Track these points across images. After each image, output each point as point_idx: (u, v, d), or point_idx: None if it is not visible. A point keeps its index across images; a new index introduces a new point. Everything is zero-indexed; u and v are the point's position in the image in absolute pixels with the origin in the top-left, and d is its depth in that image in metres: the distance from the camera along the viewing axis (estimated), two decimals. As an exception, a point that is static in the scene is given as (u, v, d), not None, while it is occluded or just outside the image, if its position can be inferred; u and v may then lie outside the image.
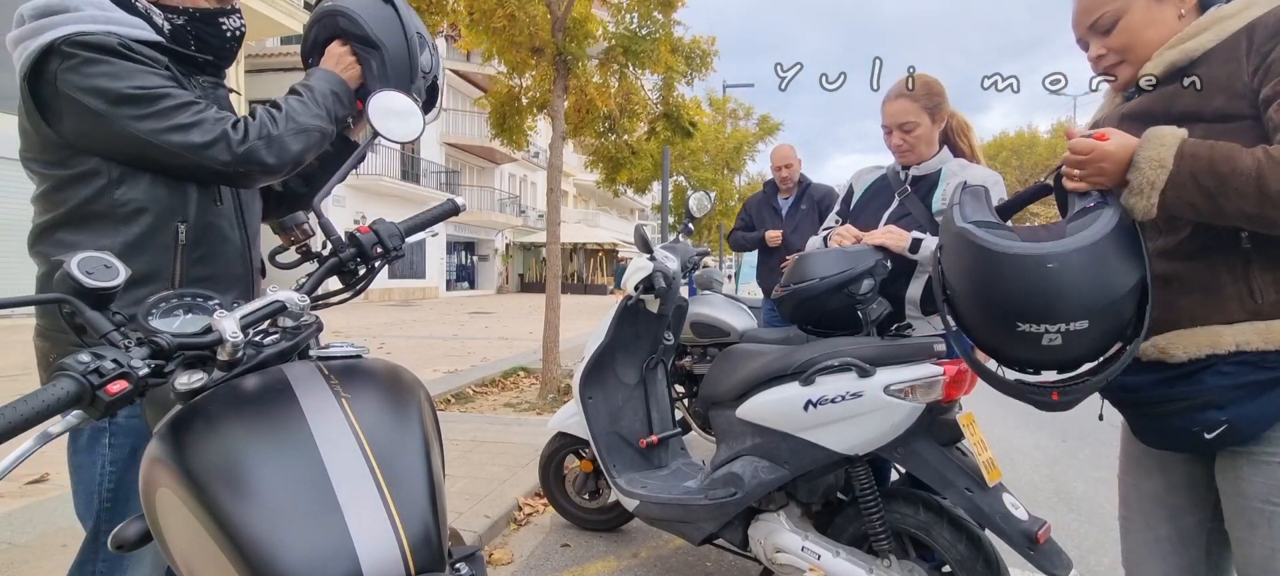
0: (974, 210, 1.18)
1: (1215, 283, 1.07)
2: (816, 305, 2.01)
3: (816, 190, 4.30)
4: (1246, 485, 1.07)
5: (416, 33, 1.41)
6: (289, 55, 17.88)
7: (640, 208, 41.78)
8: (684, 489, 2.23)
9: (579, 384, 2.52)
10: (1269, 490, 1.05)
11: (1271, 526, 1.04)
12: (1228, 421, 1.05)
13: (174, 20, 1.25)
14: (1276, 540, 1.04)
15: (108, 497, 1.23)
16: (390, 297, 20.73)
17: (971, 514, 1.71)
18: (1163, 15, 1.14)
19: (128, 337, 0.80)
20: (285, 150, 1.24)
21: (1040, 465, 4.05)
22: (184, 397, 0.85)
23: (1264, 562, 1.06)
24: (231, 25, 1.34)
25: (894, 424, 1.76)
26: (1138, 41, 1.15)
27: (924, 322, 2.13)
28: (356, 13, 1.35)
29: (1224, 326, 1.05)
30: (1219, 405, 1.05)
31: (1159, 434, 1.19)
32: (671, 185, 11.23)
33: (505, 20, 5.12)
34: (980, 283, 1.12)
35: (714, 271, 4.09)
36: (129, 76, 1.14)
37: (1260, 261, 1.04)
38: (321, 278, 1.12)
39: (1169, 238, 1.14)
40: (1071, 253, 1.04)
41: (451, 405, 5.34)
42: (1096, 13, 1.18)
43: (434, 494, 0.81)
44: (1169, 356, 1.11)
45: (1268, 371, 1.02)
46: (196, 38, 1.28)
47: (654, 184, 9.98)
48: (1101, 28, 1.18)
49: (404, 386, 0.95)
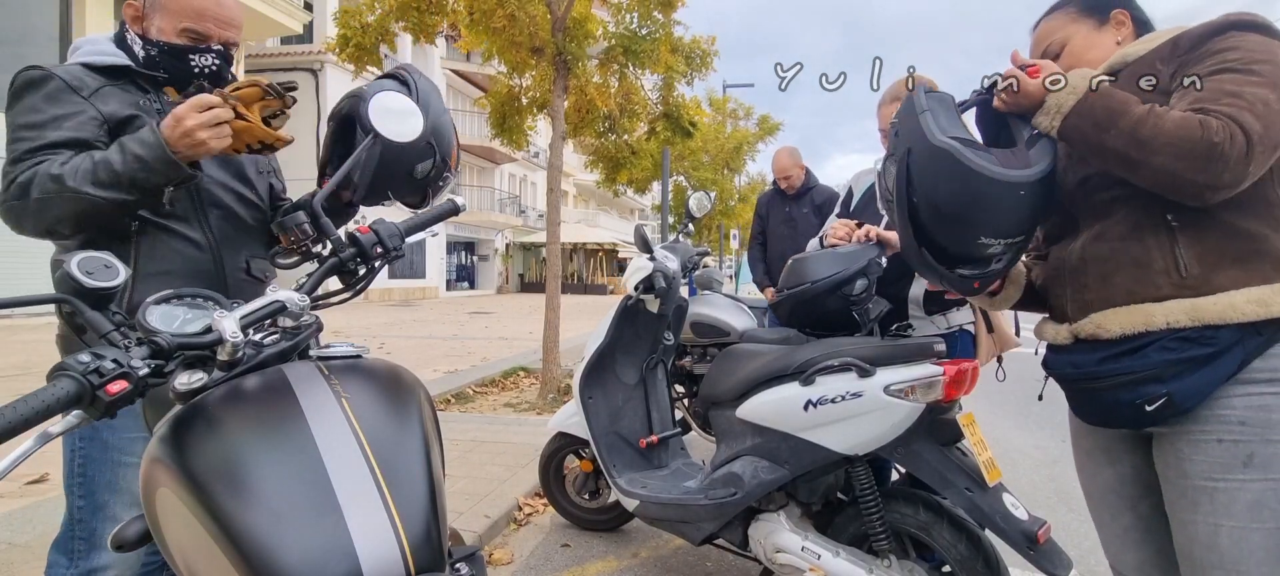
0: (948, 123, 1.26)
1: (1146, 259, 1.15)
2: (813, 308, 2.02)
3: (819, 194, 4.18)
4: (1187, 464, 1.13)
5: (427, 142, 1.33)
6: (289, 55, 17.87)
7: (640, 208, 41.79)
8: (684, 489, 2.23)
9: (579, 384, 2.52)
10: (1209, 467, 1.10)
11: (1213, 502, 1.09)
12: (1167, 394, 1.11)
13: (149, 50, 1.38)
14: (1219, 515, 1.09)
15: (79, 472, 1.35)
16: (390, 297, 20.73)
17: (971, 514, 1.71)
18: (1102, 40, 1.33)
19: (128, 337, 0.80)
20: (26, 219, 1.24)
21: (1040, 465, 4.05)
22: (184, 397, 0.85)
23: (1208, 539, 1.10)
24: (200, 62, 1.40)
25: (894, 424, 1.76)
26: (1081, 62, 1.32)
27: (927, 322, 2.14)
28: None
29: (1155, 304, 1.13)
30: (1160, 379, 1.11)
31: (1100, 410, 1.25)
32: (671, 185, 11.24)
33: (505, 20, 5.13)
34: (959, 197, 1.23)
35: (714, 271, 4.06)
36: (33, 111, 1.28)
37: (1186, 237, 1.12)
38: (321, 277, 1.12)
39: (1104, 222, 1.22)
40: (1036, 182, 1.19)
41: (451, 405, 5.34)
42: (1046, 42, 1.39)
43: (434, 494, 0.81)
44: (1104, 332, 1.18)
45: (1204, 347, 1.09)
46: (164, 67, 1.39)
47: (654, 184, 9.99)
48: (1052, 53, 1.38)
49: (404, 386, 0.95)
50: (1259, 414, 1.07)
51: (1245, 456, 1.07)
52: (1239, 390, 1.08)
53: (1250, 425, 1.07)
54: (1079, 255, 1.26)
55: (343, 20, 5.57)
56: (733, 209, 18.84)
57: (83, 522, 1.35)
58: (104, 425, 1.24)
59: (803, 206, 4.18)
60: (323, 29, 16.48)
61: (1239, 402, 1.08)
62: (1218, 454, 1.09)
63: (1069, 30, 1.36)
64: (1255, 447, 1.06)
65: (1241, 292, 1.07)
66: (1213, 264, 1.10)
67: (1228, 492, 1.08)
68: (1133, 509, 1.32)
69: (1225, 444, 1.09)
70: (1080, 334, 1.24)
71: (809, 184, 4.22)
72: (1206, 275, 1.10)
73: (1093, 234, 1.24)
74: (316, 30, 16.87)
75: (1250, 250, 1.09)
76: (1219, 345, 1.08)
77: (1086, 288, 1.23)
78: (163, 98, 1.41)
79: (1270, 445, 1.06)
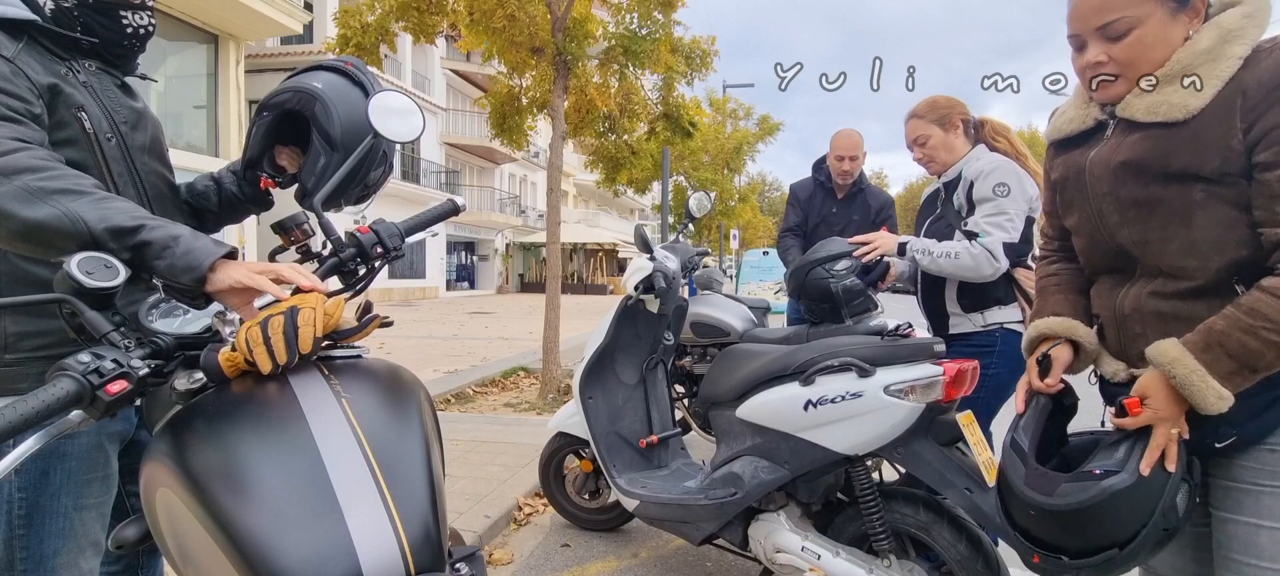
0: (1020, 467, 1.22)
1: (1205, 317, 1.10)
2: (810, 282, 2.28)
3: (874, 197, 3.53)
4: (1234, 468, 1.13)
5: (382, 153, 1.31)
6: (289, 55, 17.87)
7: (640, 208, 41.79)
8: (684, 489, 2.23)
9: (579, 384, 2.52)
10: (1255, 473, 1.10)
11: (1258, 504, 1.09)
12: (1236, 435, 1.10)
13: (61, 1, 1.12)
14: (1263, 516, 1.09)
15: (20, 522, 1.12)
16: (390, 297, 20.72)
17: (971, 514, 1.71)
18: (1173, 36, 1.09)
19: (128, 337, 0.80)
20: None
21: (1040, 465, 4.05)
22: (184, 397, 0.85)
23: (1247, 538, 1.10)
24: (134, 21, 1.19)
25: (894, 424, 1.76)
26: (1145, 59, 1.09)
27: (964, 319, 2.22)
28: (334, 113, 1.21)
29: None
30: (1232, 422, 1.09)
31: None
32: (671, 185, 11.24)
33: (505, 20, 5.12)
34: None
35: (714, 271, 4.02)
36: None
37: None
38: (321, 278, 1.12)
39: (1165, 284, 1.15)
40: (1048, 511, 1.15)
41: (451, 405, 5.34)
42: (1112, 16, 1.09)
43: (434, 494, 0.81)
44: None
45: (1274, 391, 1.07)
46: (84, 24, 1.15)
47: (654, 184, 10.00)
48: (1113, 33, 1.10)
49: (404, 386, 0.95)
50: None
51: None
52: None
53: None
54: (1134, 304, 1.18)
55: (343, 20, 5.58)
56: (733, 209, 18.85)
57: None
58: (55, 461, 1.11)
59: (853, 212, 3.47)
60: (323, 29, 16.48)
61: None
62: (1267, 460, 1.09)
63: (1144, 10, 1.08)
64: None
65: None
66: None
67: (1273, 496, 1.08)
68: None
69: (1277, 453, 1.08)
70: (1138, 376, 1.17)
71: (860, 184, 3.53)
72: None
73: (1153, 288, 1.16)
74: (316, 30, 16.88)
75: None
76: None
77: (1143, 337, 1.16)
78: (85, 67, 1.17)
79: None
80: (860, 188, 3.53)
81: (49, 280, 0.89)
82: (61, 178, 0.95)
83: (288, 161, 1.37)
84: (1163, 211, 1.11)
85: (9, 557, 1.12)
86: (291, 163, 1.38)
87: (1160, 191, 1.11)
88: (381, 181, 1.38)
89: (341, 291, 1.19)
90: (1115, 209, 1.16)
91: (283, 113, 1.27)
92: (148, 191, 1.24)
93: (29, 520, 1.12)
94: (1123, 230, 1.16)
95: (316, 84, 1.23)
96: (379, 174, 1.35)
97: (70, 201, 0.92)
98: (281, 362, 0.84)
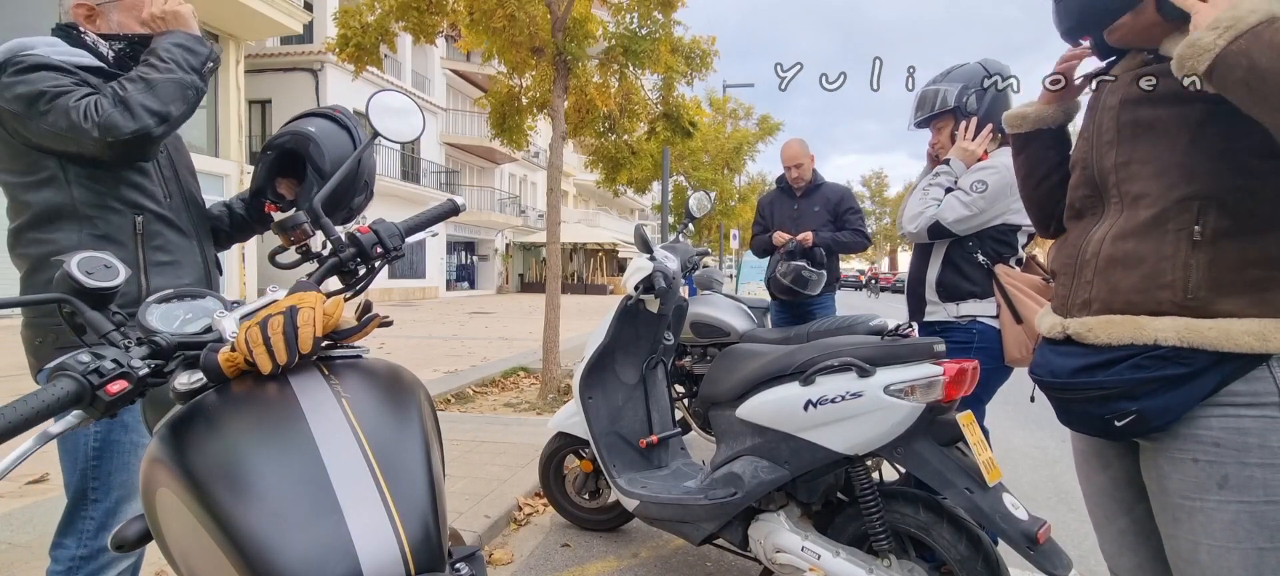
0: None
1: (1156, 269, 1.10)
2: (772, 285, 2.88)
3: (831, 191, 4.01)
4: (1166, 481, 1.13)
5: (365, 181, 1.47)
6: (289, 55, 17.87)
7: (640, 208, 41.78)
8: (684, 489, 2.23)
9: (579, 384, 2.52)
10: (1186, 487, 1.09)
11: (1192, 520, 1.09)
12: (1136, 412, 1.10)
13: (116, 47, 1.42)
14: (1197, 533, 1.08)
15: (93, 454, 1.39)
16: (390, 297, 20.72)
17: (971, 514, 1.71)
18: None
19: (128, 337, 0.80)
20: (140, 111, 1.31)
21: (1040, 465, 4.05)
22: (184, 397, 0.85)
23: (1189, 554, 1.10)
24: None
25: (894, 424, 1.76)
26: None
27: (939, 308, 2.27)
28: (325, 151, 1.39)
29: (1150, 318, 1.09)
30: (1131, 397, 1.10)
31: (1075, 419, 1.25)
32: (671, 185, 11.24)
33: (505, 20, 5.12)
34: None
35: (714, 271, 4.03)
36: (41, 82, 1.29)
37: (1205, 254, 1.06)
38: (321, 278, 1.12)
39: (1128, 218, 1.16)
40: None
41: (451, 405, 5.34)
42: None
43: (434, 494, 0.81)
44: (1089, 338, 1.16)
45: (1179, 367, 1.06)
46: (136, 60, 1.42)
47: (654, 184, 10.00)
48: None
49: (404, 386, 0.95)
50: (1234, 436, 1.04)
51: (1220, 478, 1.05)
52: (1216, 411, 1.06)
53: (1225, 447, 1.05)
54: (1094, 248, 1.20)
55: (343, 20, 5.57)
56: (733, 209, 18.85)
57: (97, 503, 1.41)
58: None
59: (813, 204, 3.99)
60: (323, 29, 16.47)
61: (1215, 423, 1.06)
62: (1194, 474, 1.08)
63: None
64: (1230, 469, 1.05)
65: (1241, 323, 1.03)
66: (1222, 288, 1.05)
67: (1205, 513, 1.07)
68: (1128, 513, 1.31)
69: (1201, 464, 1.07)
70: (1069, 331, 1.21)
71: (817, 181, 4.06)
72: (1211, 298, 1.06)
73: (1115, 230, 1.17)
74: (316, 30, 16.87)
75: (1267, 278, 1.04)
76: (1194, 367, 1.05)
77: (1090, 284, 1.19)
78: None
79: (1245, 468, 1.03)
80: (817, 184, 4.08)
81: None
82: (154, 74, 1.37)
83: (287, 190, 1.56)
84: (1152, 135, 1.13)
85: (82, 487, 1.41)
86: (290, 191, 1.56)
87: (1162, 113, 1.12)
88: (363, 207, 1.53)
89: (341, 291, 1.19)
90: (1113, 125, 1.19)
91: (282, 151, 1.46)
92: (185, 200, 1.52)
93: (100, 453, 1.40)
94: (1110, 151, 1.19)
95: (310, 128, 1.41)
96: (361, 200, 1.49)
97: (178, 73, 1.39)
98: (281, 363, 0.85)
